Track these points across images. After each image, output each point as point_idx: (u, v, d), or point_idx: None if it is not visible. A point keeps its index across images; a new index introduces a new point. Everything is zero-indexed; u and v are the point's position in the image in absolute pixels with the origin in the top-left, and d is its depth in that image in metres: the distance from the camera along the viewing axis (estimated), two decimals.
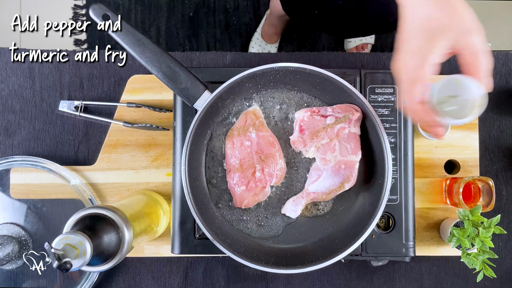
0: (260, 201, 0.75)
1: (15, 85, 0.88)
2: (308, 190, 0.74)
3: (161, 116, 0.86)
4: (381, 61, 0.90)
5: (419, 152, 0.86)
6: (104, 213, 0.62)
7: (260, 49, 1.66)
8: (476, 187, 0.82)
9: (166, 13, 1.72)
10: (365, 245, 0.76)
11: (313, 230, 0.75)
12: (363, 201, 0.73)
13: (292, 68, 0.72)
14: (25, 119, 0.88)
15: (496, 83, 0.90)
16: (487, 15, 1.75)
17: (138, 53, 0.67)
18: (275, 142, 0.75)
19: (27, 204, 0.85)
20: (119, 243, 0.63)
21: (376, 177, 0.72)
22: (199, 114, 0.70)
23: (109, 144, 0.86)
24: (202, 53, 0.89)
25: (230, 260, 0.80)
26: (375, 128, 0.71)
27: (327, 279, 0.87)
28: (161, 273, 0.86)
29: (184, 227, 0.75)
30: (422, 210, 0.86)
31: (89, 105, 0.87)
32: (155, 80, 0.86)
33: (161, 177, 0.86)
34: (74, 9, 1.72)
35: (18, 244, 0.83)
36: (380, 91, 0.77)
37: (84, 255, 0.56)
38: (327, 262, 0.68)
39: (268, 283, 0.87)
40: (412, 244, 0.76)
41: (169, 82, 0.68)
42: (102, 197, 0.86)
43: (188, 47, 1.72)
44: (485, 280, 0.85)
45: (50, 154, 0.87)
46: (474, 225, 0.77)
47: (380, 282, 0.87)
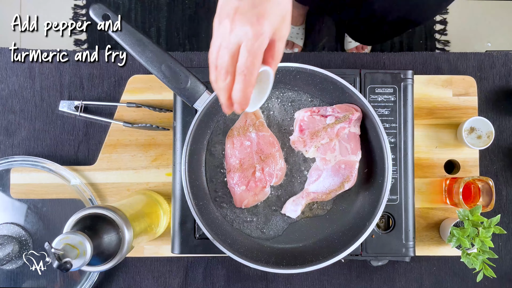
0: (260, 201, 0.75)
1: (15, 85, 0.88)
2: (308, 190, 0.74)
3: (161, 116, 0.86)
4: (381, 61, 0.90)
5: (419, 152, 0.86)
6: (104, 213, 0.62)
7: None
8: (476, 187, 0.82)
9: (166, 13, 1.72)
10: (365, 245, 0.76)
11: (313, 230, 0.75)
12: (363, 201, 0.73)
13: (292, 68, 0.72)
14: (25, 119, 0.88)
15: (496, 83, 0.90)
16: (487, 15, 1.75)
17: (138, 53, 0.67)
18: (275, 142, 0.75)
19: (27, 204, 0.85)
20: (119, 243, 0.63)
21: (376, 177, 0.72)
22: (199, 114, 0.70)
23: (109, 144, 0.86)
24: (202, 53, 0.89)
25: (230, 260, 0.80)
26: (375, 128, 0.71)
27: (327, 279, 0.87)
28: (161, 273, 0.86)
29: (184, 227, 0.75)
30: (422, 210, 0.86)
31: (89, 105, 0.87)
32: (155, 80, 0.86)
33: (161, 177, 0.86)
34: (74, 9, 1.72)
35: (18, 244, 0.83)
36: (380, 91, 0.77)
37: (84, 255, 0.56)
38: (327, 262, 0.68)
39: (268, 283, 0.87)
40: (412, 244, 0.76)
41: (169, 82, 0.68)
42: (102, 197, 0.86)
43: (188, 47, 1.72)
44: (485, 280, 0.85)
45: (50, 154, 0.87)
46: (474, 225, 0.77)
47: (380, 282, 0.87)
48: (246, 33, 0.50)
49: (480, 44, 1.75)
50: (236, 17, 0.50)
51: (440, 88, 0.87)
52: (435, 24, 1.74)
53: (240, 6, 0.50)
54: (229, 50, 0.51)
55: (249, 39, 0.50)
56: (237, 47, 0.51)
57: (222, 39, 0.51)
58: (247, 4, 0.50)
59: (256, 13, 0.50)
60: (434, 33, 1.74)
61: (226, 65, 0.52)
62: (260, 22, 0.50)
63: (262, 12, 0.50)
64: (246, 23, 0.50)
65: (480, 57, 0.90)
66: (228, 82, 0.53)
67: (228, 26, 0.51)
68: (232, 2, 0.51)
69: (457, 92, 0.87)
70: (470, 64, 0.90)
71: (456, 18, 1.74)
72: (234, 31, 0.50)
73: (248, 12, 0.50)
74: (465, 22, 1.75)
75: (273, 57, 0.55)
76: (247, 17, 0.50)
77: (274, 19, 0.51)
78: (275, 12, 0.51)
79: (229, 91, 0.53)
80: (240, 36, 0.50)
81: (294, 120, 0.76)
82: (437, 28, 1.74)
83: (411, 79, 0.78)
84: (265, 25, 0.50)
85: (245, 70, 0.51)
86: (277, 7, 0.52)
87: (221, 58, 0.52)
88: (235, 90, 0.52)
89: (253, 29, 0.50)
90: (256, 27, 0.50)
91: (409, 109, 0.77)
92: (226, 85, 0.53)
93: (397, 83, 0.77)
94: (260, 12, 0.50)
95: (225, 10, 0.51)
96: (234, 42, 0.51)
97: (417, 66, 0.90)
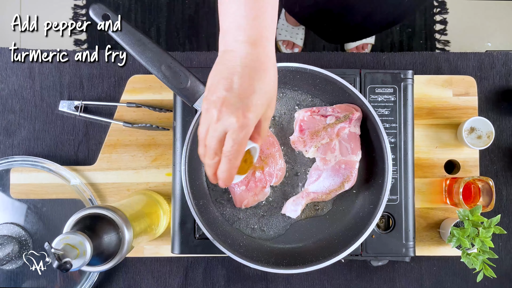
0: (260, 201, 0.75)
1: (15, 85, 0.88)
2: (308, 190, 0.74)
3: (161, 116, 0.86)
4: (381, 61, 0.90)
5: (419, 152, 0.86)
6: (104, 213, 0.62)
7: (287, 34, 1.65)
8: (476, 187, 0.82)
9: (166, 13, 1.72)
10: (365, 245, 0.76)
11: (313, 230, 0.75)
12: (363, 201, 0.73)
13: (292, 68, 0.72)
14: (25, 119, 0.88)
15: (496, 83, 0.90)
16: (487, 15, 1.75)
17: (138, 53, 0.67)
18: (275, 142, 0.75)
19: (27, 204, 0.85)
20: (119, 243, 0.63)
21: (376, 177, 0.72)
22: (199, 114, 0.70)
23: (109, 144, 0.86)
24: (202, 53, 0.89)
25: (230, 260, 0.80)
26: (375, 128, 0.71)
27: (327, 279, 0.87)
28: (161, 273, 0.86)
29: (184, 227, 0.75)
30: (422, 210, 0.86)
31: (89, 105, 0.87)
32: (155, 80, 0.86)
33: (161, 177, 0.86)
34: (74, 9, 1.72)
35: (18, 244, 0.83)
36: (380, 91, 0.77)
37: (84, 255, 0.56)
38: (327, 262, 0.68)
39: (268, 283, 0.87)
40: (412, 244, 0.76)
41: (169, 82, 0.68)
42: (102, 197, 0.86)
43: (188, 47, 1.72)
44: (485, 280, 0.85)
45: (50, 154, 0.87)
46: (474, 225, 0.77)
47: (380, 282, 0.87)
48: (232, 124, 0.52)
49: (480, 44, 1.75)
50: (223, 108, 0.53)
51: (440, 88, 0.87)
52: (435, 24, 1.74)
53: (227, 97, 0.53)
54: (216, 136, 0.54)
55: (235, 130, 0.53)
56: (223, 134, 0.54)
57: (209, 125, 0.54)
58: (233, 97, 0.53)
59: (242, 107, 0.52)
60: (434, 33, 1.74)
61: (214, 148, 0.55)
62: (245, 115, 0.52)
63: (249, 106, 0.53)
64: (232, 115, 0.52)
65: (480, 57, 0.90)
66: (215, 161, 0.56)
67: (215, 116, 0.53)
68: (220, 91, 0.53)
69: (457, 92, 0.87)
70: (470, 64, 0.90)
71: (456, 18, 1.74)
72: (220, 121, 0.53)
73: (234, 104, 0.52)
74: (465, 22, 1.75)
75: (259, 134, 0.59)
76: (233, 109, 0.52)
77: (260, 109, 0.54)
78: (261, 102, 0.54)
79: (215, 168, 0.57)
80: (226, 126, 0.53)
81: (294, 120, 0.76)
82: (437, 28, 1.74)
83: (411, 79, 0.78)
84: (250, 118, 0.53)
85: (230, 155, 0.54)
86: (263, 96, 0.54)
87: (209, 141, 0.55)
88: (220, 170, 0.56)
89: (238, 122, 0.52)
90: (242, 119, 0.52)
91: (409, 109, 0.77)
92: (213, 163, 0.56)
93: (397, 83, 0.77)
94: (246, 105, 0.53)
95: (212, 97, 0.54)
96: (221, 130, 0.53)
97: (417, 66, 0.90)
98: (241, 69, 0.53)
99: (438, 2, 1.75)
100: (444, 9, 1.75)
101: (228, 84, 0.53)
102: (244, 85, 0.53)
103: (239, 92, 0.53)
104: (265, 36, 0.55)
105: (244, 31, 0.54)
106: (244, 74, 0.53)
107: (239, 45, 0.54)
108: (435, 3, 1.74)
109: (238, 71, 0.53)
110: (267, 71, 0.55)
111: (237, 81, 0.53)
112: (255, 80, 0.53)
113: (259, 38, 0.54)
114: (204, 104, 0.55)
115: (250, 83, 0.53)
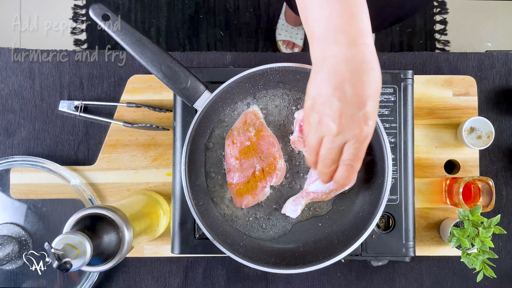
0: (260, 201, 0.75)
1: (15, 85, 0.88)
2: (308, 190, 0.74)
3: (161, 116, 0.86)
4: (381, 61, 0.90)
5: (419, 152, 0.86)
6: (104, 213, 0.62)
7: (287, 34, 1.65)
8: (476, 187, 0.82)
9: (166, 13, 1.72)
10: (365, 245, 0.76)
11: (313, 230, 0.75)
12: (363, 201, 0.73)
13: (292, 68, 0.72)
14: (25, 119, 0.88)
15: (496, 83, 0.90)
16: (487, 15, 1.75)
17: (138, 53, 0.67)
18: (275, 142, 0.75)
19: (27, 204, 0.85)
20: (119, 243, 0.63)
21: (376, 177, 0.72)
22: (199, 114, 0.70)
23: (109, 144, 0.86)
24: (202, 53, 0.89)
25: (230, 260, 0.80)
26: (375, 128, 0.71)
27: (327, 279, 0.87)
28: (161, 273, 0.86)
29: (184, 227, 0.75)
30: (422, 210, 0.86)
31: (89, 105, 0.87)
32: (155, 80, 0.86)
33: (161, 177, 0.86)
34: (74, 9, 1.72)
35: (18, 244, 0.83)
36: (380, 91, 0.77)
37: (84, 255, 0.56)
38: (327, 262, 0.68)
39: (268, 283, 0.87)
40: (412, 244, 0.76)
41: (169, 82, 0.68)
42: (102, 197, 0.86)
43: (188, 47, 1.72)
44: (485, 280, 0.85)
45: (50, 154, 0.87)
46: (474, 225, 0.77)
47: (380, 282, 0.87)
48: (355, 135, 0.51)
49: (480, 44, 1.75)
50: (343, 121, 0.51)
51: (440, 88, 0.87)
52: (435, 24, 1.74)
53: (344, 108, 0.50)
54: (334, 148, 0.53)
55: (358, 140, 0.52)
56: (343, 145, 0.53)
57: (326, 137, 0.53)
58: (350, 107, 0.50)
59: (363, 116, 0.51)
60: (434, 33, 1.74)
61: (332, 159, 0.54)
62: (367, 123, 0.51)
63: (368, 113, 0.51)
64: (355, 127, 0.51)
65: (480, 57, 0.90)
66: (332, 169, 0.56)
67: (334, 129, 0.51)
68: (334, 103, 0.51)
69: (457, 92, 0.87)
70: (470, 64, 0.90)
71: (456, 18, 1.74)
72: (342, 133, 0.52)
73: (353, 116, 0.51)
74: (465, 22, 1.75)
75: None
76: (354, 121, 0.51)
77: (377, 111, 0.53)
78: (377, 104, 0.52)
79: (332, 174, 0.57)
80: (348, 138, 0.52)
81: (294, 120, 0.76)
82: (437, 28, 1.74)
83: (411, 79, 0.78)
84: (371, 125, 0.52)
85: (352, 163, 0.54)
86: (377, 96, 0.52)
87: (326, 152, 0.54)
88: (340, 176, 0.56)
89: (362, 132, 0.51)
90: (365, 129, 0.51)
91: (409, 109, 0.77)
92: (330, 171, 0.56)
93: (397, 83, 0.77)
94: (365, 113, 0.51)
95: (326, 110, 0.52)
96: (341, 142, 0.52)
97: (417, 66, 0.90)
98: (350, 75, 0.50)
99: (438, 2, 1.75)
100: (444, 9, 1.75)
101: (341, 94, 0.50)
102: (358, 92, 0.50)
103: (355, 100, 0.50)
104: (366, 32, 0.52)
105: (344, 33, 0.51)
106: (355, 80, 0.50)
107: (339, 48, 0.51)
108: (435, 3, 1.74)
109: (347, 78, 0.50)
110: (375, 70, 0.52)
111: (349, 89, 0.50)
112: (366, 83, 0.51)
113: (360, 36, 0.51)
114: (314, 116, 0.53)
115: (363, 87, 0.50)
